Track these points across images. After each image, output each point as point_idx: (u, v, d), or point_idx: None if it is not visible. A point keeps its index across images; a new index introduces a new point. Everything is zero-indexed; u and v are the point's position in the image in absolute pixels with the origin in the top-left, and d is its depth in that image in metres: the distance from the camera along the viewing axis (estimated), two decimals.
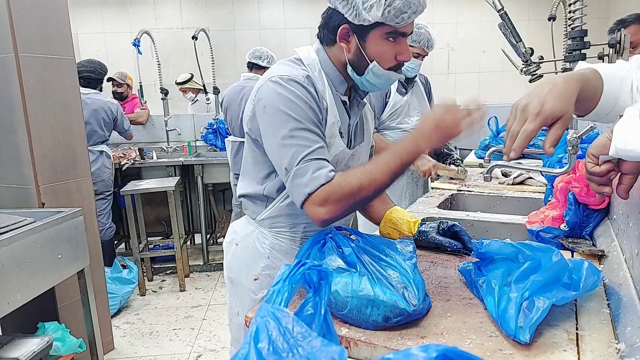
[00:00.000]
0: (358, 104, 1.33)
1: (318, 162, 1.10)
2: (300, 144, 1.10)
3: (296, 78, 1.15)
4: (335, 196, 1.08)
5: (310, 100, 1.14)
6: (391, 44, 1.16)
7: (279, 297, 0.60)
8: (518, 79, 2.89)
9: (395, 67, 1.20)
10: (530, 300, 0.85)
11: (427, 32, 2.38)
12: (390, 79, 1.22)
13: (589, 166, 0.76)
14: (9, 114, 2.29)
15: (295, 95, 1.13)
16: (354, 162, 1.33)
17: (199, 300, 3.59)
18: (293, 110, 1.12)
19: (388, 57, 1.17)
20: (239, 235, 1.40)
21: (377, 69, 1.18)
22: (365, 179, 1.09)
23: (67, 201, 2.47)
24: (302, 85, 1.14)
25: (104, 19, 6.74)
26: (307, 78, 1.17)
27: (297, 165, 1.10)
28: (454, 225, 1.33)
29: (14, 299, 1.75)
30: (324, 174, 1.09)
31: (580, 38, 1.79)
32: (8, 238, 1.75)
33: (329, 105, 1.21)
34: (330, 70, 1.24)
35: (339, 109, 1.25)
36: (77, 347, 2.16)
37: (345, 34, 1.17)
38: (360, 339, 0.88)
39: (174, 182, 3.69)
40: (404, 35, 1.17)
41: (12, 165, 2.34)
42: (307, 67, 1.22)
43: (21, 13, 2.25)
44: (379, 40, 1.15)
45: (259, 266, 1.34)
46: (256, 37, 6.63)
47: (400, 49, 1.18)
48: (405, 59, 1.19)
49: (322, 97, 1.20)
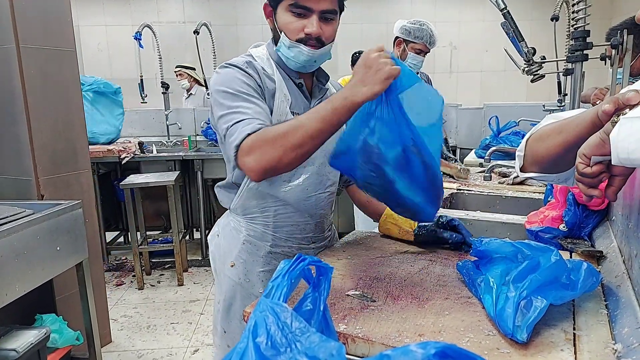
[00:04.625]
0: (320, 90, 1.37)
1: (249, 119, 1.14)
2: (236, 111, 1.16)
3: (233, 62, 1.24)
4: (259, 142, 1.08)
5: (245, 76, 1.22)
6: (297, 17, 1.21)
7: (278, 292, 0.60)
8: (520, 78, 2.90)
9: (304, 40, 1.22)
10: (528, 299, 0.85)
11: (429, 28, 2.38)
12: (301, 52, 1.24)
13: (580, 167, 0.75)
14: (9, 105, 2.29)
15: (230, 73, 1.22)
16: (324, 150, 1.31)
17: (197, 294, 3.59)
18: (228, 86, 1.19)
19: (292, 29, 1.22)
20: (220, 227, 1.44)
21: (285, 40, 1.24)
22: (292, 125, 1.08)
23: (67, 193, 2.46)
24: (237, 67, 1.23)
25: (105, 11, 6.72)
26: (246, 63, 1.25)
27: (230, 126, 1.14)
28: (452, 220, 1.34)
29: (12, 290, 1.75)
30: (251, 126, 1.12)
31: (583, 38, 1.79)
32: (7, 229, 1.75)
33: (277, 84, 1.27)
34: (275, 55, 1.31)
35: (291, 89, 1.30)
36: (75, 339, 2.16)
37: (268, 11, 1.27)
38: (357, 335, 0.89)
39: (173, 177, 3.69)
40: (309, 10, 1.20)
41: (12, 157, 2.34)
42: (254, 57, 1.31)
43: (22, 4, 2.24)
44: (285, 12, 1.22)
45: (235, 252, 1.37)
46: (258, 32, 6.62)
47: (307, 22, 1.21)
48: (311, 32, 1.21)
49: (266, 76, 1.27)
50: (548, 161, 0.95)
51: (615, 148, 0.66)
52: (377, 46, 1.07)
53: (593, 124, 0.77)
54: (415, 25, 2.37)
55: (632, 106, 0.69)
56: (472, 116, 4.25)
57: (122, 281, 3.84)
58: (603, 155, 0.71)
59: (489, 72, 6.92)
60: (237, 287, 1.36)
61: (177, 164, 4.21)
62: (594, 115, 0.77)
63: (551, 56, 2.45)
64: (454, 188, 2.26)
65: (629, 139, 0.65)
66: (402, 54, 2.44)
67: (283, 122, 1.14)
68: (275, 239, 1.36)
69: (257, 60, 1.30)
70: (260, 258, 1.36)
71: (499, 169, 2.38)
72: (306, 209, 1.36)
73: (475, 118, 4.20)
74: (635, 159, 0.64)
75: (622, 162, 0.66)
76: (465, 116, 4.31)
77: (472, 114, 4.26)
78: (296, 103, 1.30)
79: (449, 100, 5.15)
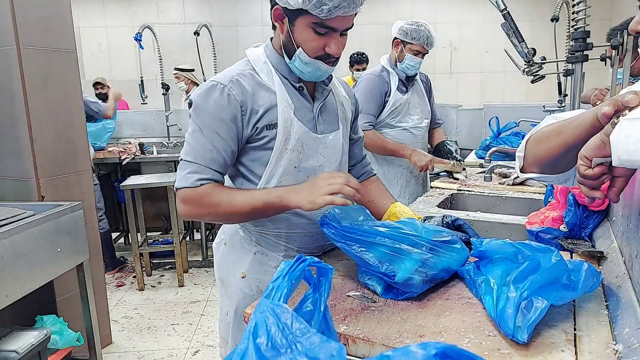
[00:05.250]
0: (322, 90, 1.33)
1: (198, 166, 1.19)
2: (194, 145, 1.20)
3: (220, 80, 1.21)
4: (192, 200, 1.19)
5: (224, 105, 1.19)
6: (319, 35, 1.16)
7: (279, 293, 0.60)
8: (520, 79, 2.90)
9: (323, 57, 1.19)
10: (529, 300, 0.85)
11: (427, 30, 2.37)
12: (319, 68, 1.21)
13: (582, 169, 0.75)
14: (10, 106, 2.29)
15: (211, 98, 1.20)
16: (328, 150, 1.32)
17: (197, 295, 3.59)
18: (201, 115, 1.20)
19: (314, 47, 1.18)
20: (227, 234, 1.41)
21: (303, 55, 1.19)
22: (226, 200, 1.18)
23: (67, 195, 2.46)
24: (222, 89, 1.19)
25: (106, 12, 6.73)
26: (234, 82, 1.21)
27: (183, 160, 1.22)
28: (457, 219, 1.35)
29: (13, 291, 1.76)
30: (192, 179, 1.18)
31: (583, 39, 1.79)
32: (7, 230, 1.75)
33: (278, 92, 1.24)
34: (274, 59, 1.27)
35: (291, 94, 1.26)
36: (75, 340, 2.17)
37: (279, 15, 1.20)
38: (358, 336, 0.89)
39: (174, 178, 3.68)
40: (334, 30, 1.16)
41: (12, 158, 2.34)
42: (251, 62, 1.27)
43: (23, 6, 2.25)
44: (305, 29, 1.16)
45: (246, 263, 1.34)
46: (259, 34, 6.62)
47: (330, 42, 1.17)
48: (333, 52, 1.18)
49: (262, 89, 1.23)
50: (548, 162, 0.95)
51: (616, 149, 0.66)
52: (344, 176, 1.13)
53: (592, 126, 0.77)
54: (413, 26, 2.36)
55: (631, 108, 0.69)
56: (472, 117, 4.25)
57: (123, 282, 3.84)
58: (604, 157, 0.71)
59: (489, 73, 6.92)
60: (248, 300, 1.32)
61: (177, 165, 4.20)
62: (594, 117, 0.77)
63: (551, 57, 2.45)
64: (454, 189, 2.26)
65: (628, 140, 0.65)
66: (399, 55, 2.44)
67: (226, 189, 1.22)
68: (287, 249, 1.32)
69: (255, 66, 1.27)
70: (272, 269, 1.32)
71: (499, 169, 2.38)
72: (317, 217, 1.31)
73: (476, 119, 4.20)
74: (636, 160, 0.65)
75: (623, 163, 0.67)
76: (465, 117, 4.31)
77: (472, 115, 4.26)
78: (299, 107, 1.27)
79: (449, 101, 5.16)
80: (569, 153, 0.87)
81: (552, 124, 0.94)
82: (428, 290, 1.06)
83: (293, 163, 1.26)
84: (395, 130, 2.53)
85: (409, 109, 2.55)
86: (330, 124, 1.34)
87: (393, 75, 2.47)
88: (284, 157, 1.24)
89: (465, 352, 0.46)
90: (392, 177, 2.57)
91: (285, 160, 1.25)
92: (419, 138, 2.60)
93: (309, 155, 1.27)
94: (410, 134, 2.55)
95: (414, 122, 2.56)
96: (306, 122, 1.27)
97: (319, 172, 1.28)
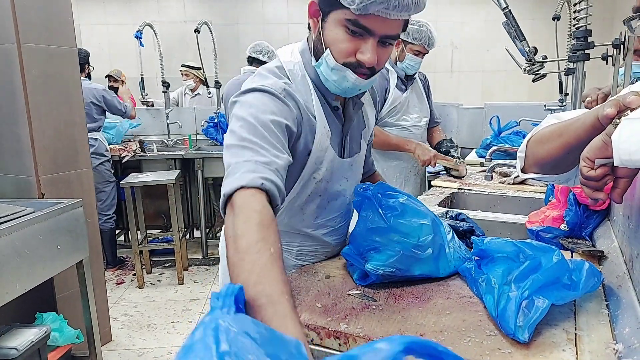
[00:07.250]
0: (355, 105, 1.19)
1: (256, 165, 0.88)
2: (249, 151, 0.92)
3: (269, 90, 1.01)
4: None
5: (281, 111, 1.01)
6: (352, 36, 0.99)
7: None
8: (521, 78, 2.89)
9: (353, 64, 1.02)
10: (530, 299, 0.85)
11: (429, 29, 2.37)
12: (346, 78, 1.04)
13: (585, 170, 0.75)
14: (10, 104, 2.29)
15: (263, 102, 1.00)
16: (351, 172, 1.24)
17: (197, 293, 3.59)
18: (256, 117, 0.96)
19: (343, 49, 1.01)
20: None
21: (329, 58, 1.03)
22: (243, 245, 0.75)
23: (67, 192, 2.46)
24: (274, 94, 1.02)
25: (106, 10, 6.72)
26: (284, 91, 1.04)
27: (236, 165, 0.89)
28: (460, 214, 1.37)
29: (13, 288, 1.75)
30: (253, 176, 0.85)
31: (585, 38, 1.79)
32: (7, 228, 1.75)
33: (317, 117, 1.09)
34: (311, 70, 1.11)
35: (329, 118, 1.13)
36: (75, 337, 2.17)
37: (314, 10, 1.05)
38: (359, 334, 0.88)
39: (174, 176, 3.69)
40: (370, 33, 0.98)
41: (12, 155, 2.34)
42: (288, 73, 1.10)
43: (23, 3, 2.24)
44: (337, 26, 1.00)
45: None
46: (259, 32, 6.61)
47: (363, 46, 0.99)
48: (365, 60, 1.00)
49: (304, 109, 1.08)
50: (549, 163, 0.95)
51: (617, 150, 0.66)
52: None
53: (593, 127, 0.77)
54: (414, 26, 2.36)
55: (633, 108, 0.69)
56: (473, 116, 4.25)
57: (123, 280, 3.84)
58: (606, 158, 0.71)
59: (490, 72, 6.91)
60: None
61: (177, 162, 4.21)
62: (595, 118, 0.77)
63: (552, 56, 2.45)
64: (454, 187, 2.26)
65: (630, 140, 0.65)
66: (400, 55, 2.43)
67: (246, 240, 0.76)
68: (296, 265, 1.28)
69: (292, 82, 1.09)
70: None
71: (500, 168, 2.38)
72: (331, 240, 1.29)
73: (476, 118, 4.20)
74: (637, 160, 0.64)
75: (625, 163, 0.66)
76: (466, 116, 4.31)
77: (473, 114, 4.26)
78: (333, 132, 1.14)
79: (450, 99, 5.15)
80: (570, 154, 0.87)
81: (553, 125, 0.94)
82: (429, 289, 1.06)
83: (319, 192, 1.18)
84: (394, 128, 2.53)
85: (408, 108, 2.54)
86: (355, 143, 1.24)
87: (392, 73, 2.47)
88: (309, 186, 1.15)
89: (432, 344, 0.44)
90: (391, 175, 2.57)
91: (311, 189, 1.16)
92: (418, 136, 2.59)
93: (334, 181, 1.20)
94: (409, 133, 2.55)
95: (413, 120, 2.56)
96: (335, 145, 1.16)
97: (340, 197, 1.22)
